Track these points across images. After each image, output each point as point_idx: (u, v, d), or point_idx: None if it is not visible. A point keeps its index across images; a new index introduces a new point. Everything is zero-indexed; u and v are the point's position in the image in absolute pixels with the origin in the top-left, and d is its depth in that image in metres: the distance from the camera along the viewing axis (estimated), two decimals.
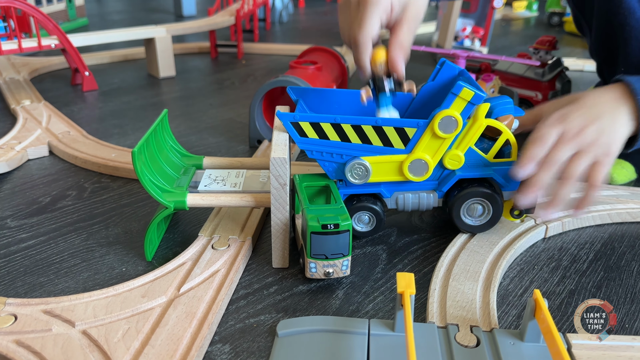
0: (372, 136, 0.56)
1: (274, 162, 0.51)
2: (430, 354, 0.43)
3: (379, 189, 0.59)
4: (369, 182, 0.58)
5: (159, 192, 0.55)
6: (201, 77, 1.36)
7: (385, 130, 0.56)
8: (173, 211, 0.55)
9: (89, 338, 0.44)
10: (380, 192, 0.59)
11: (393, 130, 0.56)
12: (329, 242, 0.50)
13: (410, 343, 0.38)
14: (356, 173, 0.57)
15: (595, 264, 0.58)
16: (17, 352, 0.43)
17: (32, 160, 0.84)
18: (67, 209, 0.68)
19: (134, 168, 0.52)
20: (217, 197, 0.57)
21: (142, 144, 0.54)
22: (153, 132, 0.59)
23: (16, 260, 0.57)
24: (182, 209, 0.56)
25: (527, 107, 0.96)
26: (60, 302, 0.49)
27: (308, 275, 0.52)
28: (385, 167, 0.57)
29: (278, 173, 0.52)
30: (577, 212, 0.56)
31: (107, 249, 0.59)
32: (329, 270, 0.51)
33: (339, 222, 0.49)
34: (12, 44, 1.10)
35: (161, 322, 0.46)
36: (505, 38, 1.95)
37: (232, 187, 0.60)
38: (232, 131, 0.97)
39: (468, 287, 0.51)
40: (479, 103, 0.54)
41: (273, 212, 0.54)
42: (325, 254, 0.50)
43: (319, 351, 0.43)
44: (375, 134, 0.56)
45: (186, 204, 0.56)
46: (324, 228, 0.49)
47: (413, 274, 0.44)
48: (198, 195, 0.57)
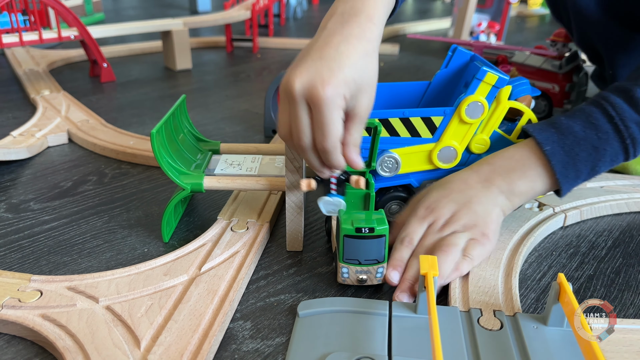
0: (399, 128, 0.56)
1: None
2: (453, 336, 0.43)
3: (408, 180, 0.59)
4: (399, 174, 0.58)
5: (176, 174, 0.56)
6: (217, 70, 1.37)
7: (412, 121, 0.56)
8: (190, 193, 0.56)
9: (112, 313, 0.45)
10: (410, 183, 0.59)
11: (420, 120, 0.56)
12: (363, 247, 0.47)
13: (434, 324, 0.38)
14: (386, 166, 0.57)
15: (613, 250, 0.57)
16: (44, 326, 0.43)
17: (52, 147, 0.86)
18: (88, 193, 0.69)
19: (152, 149, 0.53)
20: (233, 181, 0.58)
21: (161, 126, 0.55)
22: (171, 116, 0.60)
23: (40, 241, 0.58)
24: (199, 191, 0.56)
25: (545, 99, 0.96)
26: (84, 279, 0.49)
27: (340, 280, 0.49)
28: (415, 157, 0.58)
29: (293, 156, 0.52)
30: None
31: (128, 230, 0.60)
32: (363, 277, 0.48)
33: (374, 226, 0.47)
34: (33, 35, 1.12)
35: (183, 299, 0.46)
36: (520, 34, 1.94)
37: (248, 171, 0.61)
38: (248, 121, 0.98)
39: (490, 272, 0.51)
40: (503, 86, 0.54)
41: (287, 196, 0.54)
42: (359, 259, 0.48)
43: (340, 332, 0.43)
44: (403, 125, 0.56)
45: (203, 186, 0.56)
46: (357, 232, 0.46)
47: (436, 257, 0.44)
48: (214, 178, 0.57)
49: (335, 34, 0.46)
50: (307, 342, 0.42)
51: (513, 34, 1.92)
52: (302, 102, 0.44)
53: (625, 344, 0.43)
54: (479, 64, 0.56)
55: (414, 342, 0.42)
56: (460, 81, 0.63)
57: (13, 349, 0.43)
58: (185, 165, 0.59)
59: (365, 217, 0.48)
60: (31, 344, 0.44)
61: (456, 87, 0.64)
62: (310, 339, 0.43)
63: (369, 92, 0.46)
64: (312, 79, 0.43)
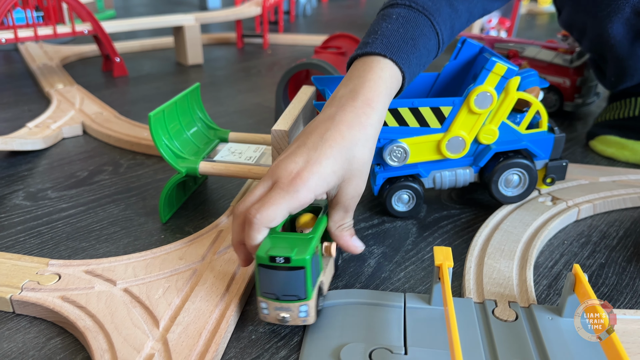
0: (408, 118, 0.57)
1: (274, 134, 0.52)
2: (468, 327, 0.43)
3: (416, 170, 0.60)
4: (407, 164, 0.59)
5: (173, 157, 0.58)
6: (228, 65, 1.38)
7: (421, 111, 0.56)
8: (184, 176, 0.58)
9: (130, 295, 0.46)
10: (418, 172, 0.60)
11: (429, 110, 0.57)
12: (279, 279, 0.40)
13: (451, 314, 0.38)
14: (395, 156, 0.57)
15: (625, 239, 0.58)
16: (64, 307, 0.44)
17: (67, 138, 0.87)
18: (104, 183, 0.70)
19: (150, 131, 0.55)
20: (227, 167, 0.59)
21: (161, 110, 0.57)
22: (180, 101, 0.61)
23: (58, 227, 0.59)
24: (194, 174, 0.58)
25: (556, 94, 0.96)
26: (101, 263, 0.50)
27: (261, 317, 0.42)
28: (423, 147, 0.58)
29: (279, 145, 0.52)
30: None
31: (145, 218, 0.61)
32: (284, 315, 0.41)
33: (290, 256, 0.39)
34: (47, 29, 1.13)
35: (200, 282, 0.47)
36: (531, 31, 1.93)
37: (247, 160, 0.62)
38: (259, 115, 0.99)
39: (504, 265, 0.51)
40: (512, 77, 0.55)
41: None
42: (276, 294, 0.41)
43: (356, 323, 0.44)
44: (412, 115, 0.57)
45: (198, 171, 0.58)
46: (271, 260, 0.39)
47: (450, 248, 0.44)
48: (210, 163, 0.59)
49: (327, 119, 0.45)
50: (323, 333, 0.43)
51: (523, 30, 1.92)
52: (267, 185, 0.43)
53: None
54: (487, 56, 0.56)
55: (429, 333, 0.42)
56: (469, 73, 0.63)
57: (35, 328, 0.44)
58: (188, 150, 0.61)
59: (290, 243, 0.41)
60: (52, 324, 0.45)
61: (465, 79, 0.64)
62: (327, 329, 0.43)
63: (355, 181, 0.44)
64: (286, 167, 0.42)
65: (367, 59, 0.49)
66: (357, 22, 2.11)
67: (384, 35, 0.50)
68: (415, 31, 0.51)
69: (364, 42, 0.51)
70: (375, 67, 0.48)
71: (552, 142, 0.60)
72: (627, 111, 0.79)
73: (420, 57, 0.51)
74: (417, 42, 0.51)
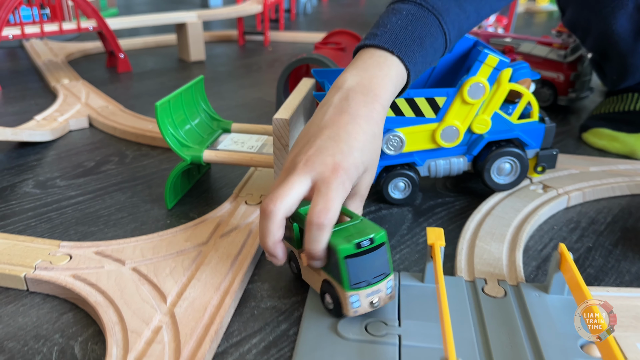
0: (404, 108, 0.59)
1: (275, 123, 0.54)
2: (459, 303, 0.45)
3: (412, 158, 0.62)
4: (403, 152, 0.61)
5: (178, 145, 0.60)
6: (230, 62, 1.41)
7: (417, 101, 0.59)
8: (189, 164, 0.60)
9: (139, 274, 0.48)
10: (414, 161, 0.62)
11: (424, 100, 0.59)
12: (368, 263, 0.40)
13: (442, 290, 0.40)
14: (392, 144, 0.60)
15: (612, 225, 0.60)
16: (75, 284, 0.47)
17: (73, 131, 0.89)
18: (110, 172, 0.73)
19: (157, 121, 0.57)
20: (230, 156, 0.61)
21: (167, 100, 0.59)
22: (185, 92, 0.64)
23: (68, 213, 0.62)
24: (199, 162, 0.61)
25: (550, 88, 0.98)
26: (110, 245, 0.53)
27: (351, 314, 0.41)
28: (419, 136, 0.61)
29: (280, 134, 0.55)
30: None
31: (151, 204, 0.64)
32: (374, 300, 0.41)
33: (372, 237, 0.40)
34: (53, 25, 1.15)
35: (205, 262, 0.50)
36: (528, 29, 1.96)
37: (249, 149, 0.64)
38: (261, 109, 1.01)
39: (494, 247, 0.54)
40: (503, 69, 0.57)
41: (275, 172, 0.57)
42: (367, 280, 0.41)
43: None
44: (408, 105, 0.59)
45: (202, 159, 0.60)
46: (358, 247, 0.40)
47: (442, 229, 0.46)
48: (213, 152, 0.61)
49: (343, 112, 0.46)
50: (322, 308, 0.45)
51: (521, 28, 1.94)
52: (306, 180, 0.42)
53: (623, 310, 0.45)
54: (481, 49, 0.59)
55: (421, 308, 0.45)
56: (464, 65, 0.66)
57: (48, 304, 0.47)
58: (192, 139, 0.63)
59: (348, 231, 0.41)
60: (64, 301, 0.47)
61: (459, 71, 0.66)
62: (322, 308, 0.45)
63: (372, 172, 0.47)
64: (324, 160, 0.42)
65: (375, 52, 0.50)
66: (356, 21, 2.14)
67: (393, 31, 0.51)
68: (423, 30, 0.52)
69: (372, 33, 0.52)
70: (383, 63, 0.49)
71: (543, 131, 0.62)
72: (623, 105, 0.81)
73: (426, 55, 0.52)
74: (424, 41, 0.51)
